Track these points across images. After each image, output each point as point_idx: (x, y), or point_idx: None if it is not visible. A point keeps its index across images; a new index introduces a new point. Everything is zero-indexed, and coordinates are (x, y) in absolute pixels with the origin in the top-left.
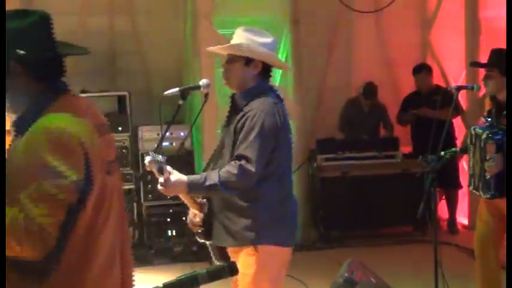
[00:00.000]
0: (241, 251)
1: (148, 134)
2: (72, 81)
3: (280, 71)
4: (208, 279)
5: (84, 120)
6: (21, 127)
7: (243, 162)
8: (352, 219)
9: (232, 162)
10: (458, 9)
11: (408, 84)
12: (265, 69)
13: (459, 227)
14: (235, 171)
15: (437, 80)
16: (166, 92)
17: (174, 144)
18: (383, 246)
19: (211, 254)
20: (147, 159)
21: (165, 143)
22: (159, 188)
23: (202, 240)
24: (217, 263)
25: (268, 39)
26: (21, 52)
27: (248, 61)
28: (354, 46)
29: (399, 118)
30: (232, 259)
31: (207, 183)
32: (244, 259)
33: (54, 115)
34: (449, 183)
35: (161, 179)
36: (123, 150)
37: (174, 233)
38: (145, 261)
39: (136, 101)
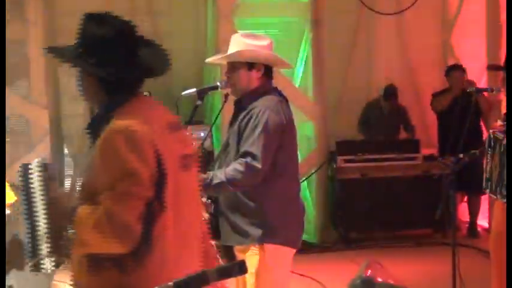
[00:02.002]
0: (248, 251)
1: None
2: None
3: (300, 73)
4: (217, 277)
5: (153, 118)
6: (93, 129)
7: (248, 159)
8: (372, 221)
9: (238, 160)
10: (480, 11)
11: (429, 86)
12: (268, 71)
13: (480, 230)
14: (241, 168)
15: None
16: (184, 93)
17: (194, 144)
18: (402, 248)
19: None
20: None
21: None
22: None
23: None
24: (221, 260)
25: (265, 42)
26: (97, 64)
27: (250, 66)
28: (374, 47)
29: (434, 103)
30: (238, 258)
31: (214, 182)
32: (250, 258)
33: (125, 116)
34: (471, 187)
35: None
36: None
37: None
38: None
39: (158, 100)
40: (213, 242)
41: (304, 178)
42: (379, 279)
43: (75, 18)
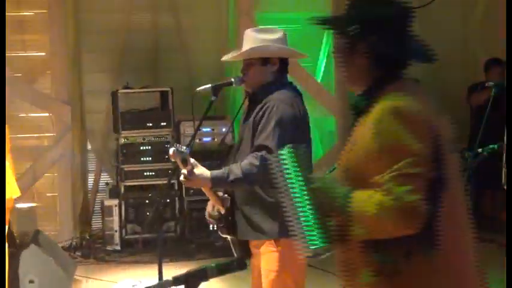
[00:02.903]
0: (263, 246)
1: (190, 129)
2: (116, 77)
3: (323, 68)
4: (216, 273)
5: (423, 100)
6: (359, 107)
7: (263, 152)
8: None
9: (253, 154)
10: (501, 4)
11: (450, 82)
12: (283, 64)
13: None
14: (257, 162)
15: (479, 76)
16: (198, 88)
17: (215, 139)
18: None
19: (233, 250)
20: (171, 150)
21: (206, 139)
22: (181, 179)
23: (225, 235)
24: (236, 255)
25: (278, 35)
26: (378, 43)
27: (265, 61)
28: None
29: (472, 98)
30: (254, 254)
31: (231, 177)
32: (268, 256)
33: (396, 95)
34: (491, 183)
35: (184, 171)
36: (166, 145)
37: (215, 228)
38: (186, 255)
39: (179, 96)
40: (229, 237)
41: (326, 173)
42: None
43: (98, 14)
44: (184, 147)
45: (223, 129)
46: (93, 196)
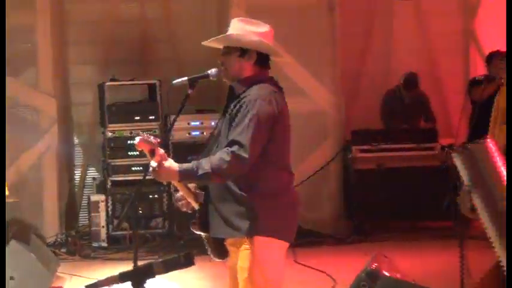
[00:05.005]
0: (239, 244)
1: (178, 123)
2: (103, 69)
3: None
4: (164, 270)
5: None
6: None
7: (235, 148)
8: (387, 212)
9: (225, 149)
10: None
11: (450, 74)
12: (262, 59)
13: None
14: (227, 158)
15: (481, 70)
16: (175, 81)
17: (204, 133)
18: (418, 240)
19: (207, 247)
20: (137, 139)
21: (195, 132)
22: (150, 171)
23: (198, 232)
24: (213, 257)
25: (262, 29)
26: None
27: (243, 52)
28: (393, 34)
29: (473, 92)
30: (230, 253)
31: (200, 172)
32: (241, 253)
33: None
34: None
35: (153, 163)
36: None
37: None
38: (175, 251)
39: (168, 89)
40: (203, 235)
41: (319, 168)
42: (385, 273)
43: (83, 4)
44: (152, 137)
45: (213, 123)
46: (80, 191)
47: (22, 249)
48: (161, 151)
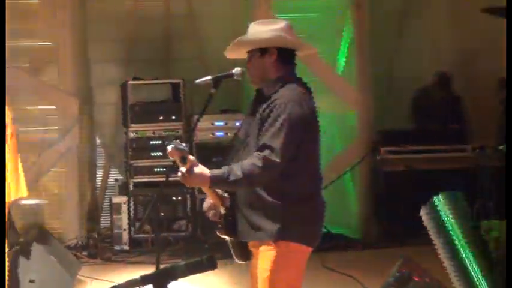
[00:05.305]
0: (262, 246)
1: (201, 124)
2: (126, 67)
3: (344, 58)
4: (187, 273)
5: None
6: None
7: (267, 153)
8: (417, 215)
9: (256, 154)
10: None
11: (484, 73)
12: (284, 55)
13: None
14: (259, 163)
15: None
16: (198, 81)
17: (228, 134)
18: None
19: (232, 251)
20: (169, 147)
21: (219, 133)
22: (179, 177)
23: (224, 236)
24: (235, 258)
25: (277, 25)
26: None
27: (262, 52)
28: (424, 32)
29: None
30: (253, 253)
31: (231, 178)
32: (263, 254)
33: None
34: None
35: (183, 169)
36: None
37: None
38: (197, 255)
39: (192, 89)
40: (228, 239)
41: (346, 170)
42: (414, 277)
43: (106, 1)
44: (184, 145)
45: (237, 124)
46: (102, 193)
47: (42, 252)
48: (192, 157)
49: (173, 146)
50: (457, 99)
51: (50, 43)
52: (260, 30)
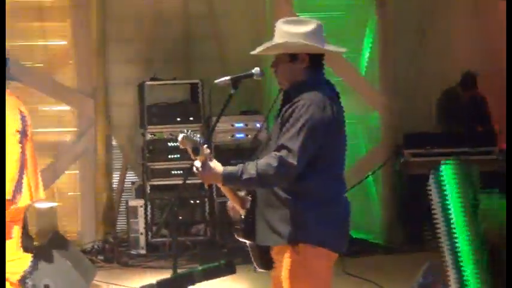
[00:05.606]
0: (284, 252)
1: (221, 125)
2: (143, 67)
3: (366, 59)
4: (204, 278)
5: None
6: None
7: (283, 153)
8: None
9: (273, 154)
10: None
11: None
12: (315, 60)
13: None
14: (274, 163)
15: None
16: (217, 81)
17: (248, 136)
18: None
19: (252, 259)
20: (180, 136)
21: (239, 135)
22: (194, 171)
23: (242, 239)
24: (257, 267)
25: (308, 28)
26: None
27: (293, 57)
28: (451, 31)
29: None
30: (275, 262)
31: (244, 176)
32: (285, 261)
33: None
34: None
35: (197, 163)
36: None
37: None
38: (215, 260)
39: (211, 89)
40: (248, 243)
41: (369, 173)
42: (437, 284)
43: (124, 2)
44: (198, 136)
45: (257, 125)
46: (118, 196)
47: (57, 256)
48: (206, 150)
49: (184, 135)
50: (483, 100)
51: (65, 42)
52: (290, 32)
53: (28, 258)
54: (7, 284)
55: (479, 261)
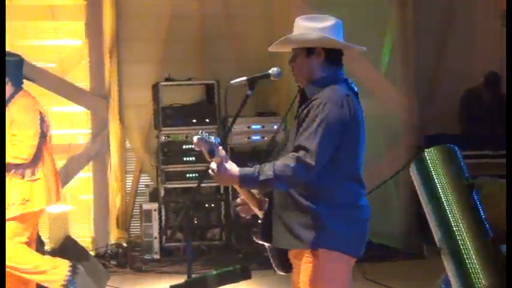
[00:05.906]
0: (302, 256)
1: (237, 126)
2: (158, 68)
3: (386, 58)
4: (218, 282)
5: None
6: None
7: (301, 154)
8: None
9: (290, 154)
10: None
11: None
12: (332, 56)
13: None
14: (292, 164)
15: None
16: (233, 81)
17: (265, 138)
18: None
19: (271, 261)
20: (195, 138)
21: (255, 137)
22: (210, 173)
23: (259, 241)
24: (276, 269)
25: (326, 23)
26: None
27: (309, 51)
28: (473, 29)
29: None
30: (293, 265)
31: (261, 177)
32: (304, 266)
33: None
34: None
35: (213, 165)
36: None
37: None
38: (231, 265)
39: (227, 90)
40: (266, 245)
41: (389, 177)
42: None
43: (138, 1)
44: (213, 137)
45: (275, 127)
46: (132, 199)
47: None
48: (222, 152)
49: (199, 136)
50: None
51: (79, 42)
52: (308, 27)
53: (65, 264)
54: None
55: (479, 248)
